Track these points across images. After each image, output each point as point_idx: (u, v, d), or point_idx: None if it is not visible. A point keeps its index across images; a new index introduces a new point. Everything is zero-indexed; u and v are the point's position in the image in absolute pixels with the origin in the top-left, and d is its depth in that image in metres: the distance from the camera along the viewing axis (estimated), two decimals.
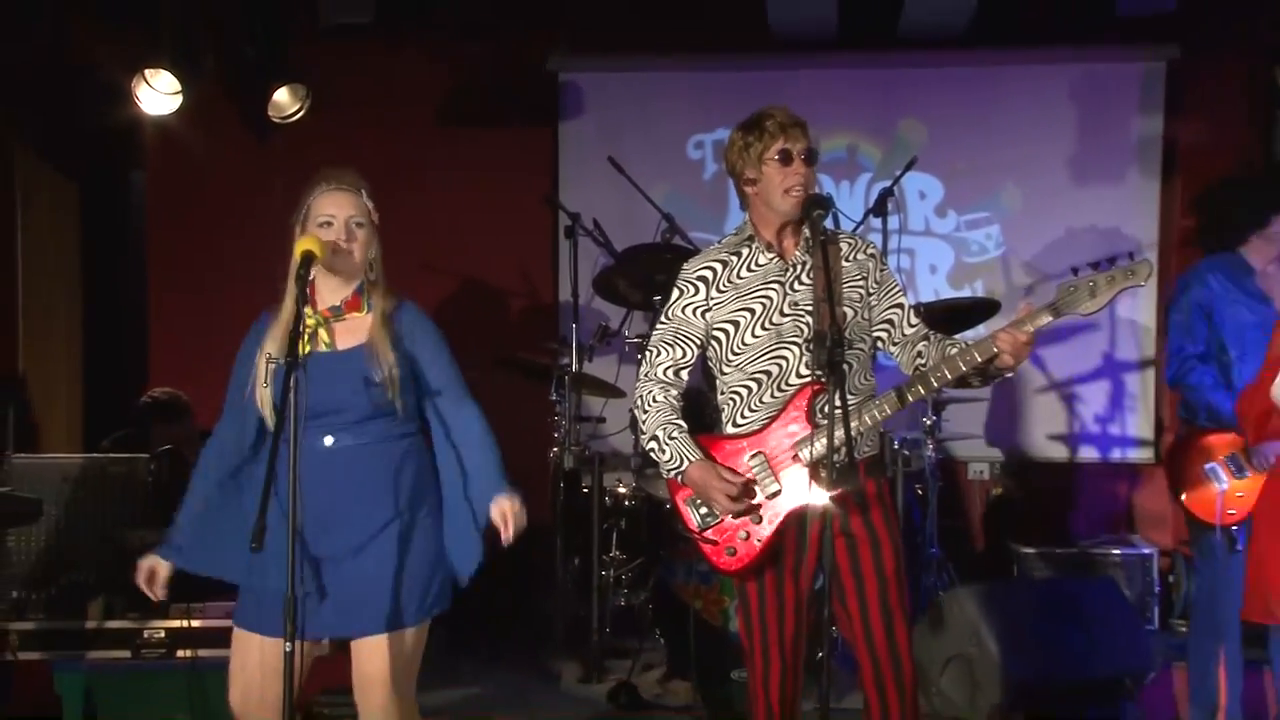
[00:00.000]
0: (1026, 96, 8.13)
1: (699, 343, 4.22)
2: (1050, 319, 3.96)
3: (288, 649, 3.68)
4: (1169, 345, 5.82)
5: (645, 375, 4.27)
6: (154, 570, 4.06)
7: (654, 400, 4.22)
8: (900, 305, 4.26)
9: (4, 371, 7.85)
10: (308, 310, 3.88)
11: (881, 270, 4.28)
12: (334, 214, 3.97)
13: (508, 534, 3.98)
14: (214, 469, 4.11)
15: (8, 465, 6.01)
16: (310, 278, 3.87)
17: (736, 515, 4.12)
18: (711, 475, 4.10)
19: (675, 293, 4.25)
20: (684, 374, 4.25)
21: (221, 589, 4.22)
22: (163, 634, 5.81)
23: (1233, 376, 5.53)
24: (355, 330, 4.04)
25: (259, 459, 4.08)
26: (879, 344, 4.27)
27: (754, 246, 4.21)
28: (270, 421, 3.95)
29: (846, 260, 4.21)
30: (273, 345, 3.99)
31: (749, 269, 4.19)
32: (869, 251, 4.28)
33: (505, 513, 3.98)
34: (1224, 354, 5.60)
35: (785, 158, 4.09)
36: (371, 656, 4.01)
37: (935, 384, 4.09)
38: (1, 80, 7.68)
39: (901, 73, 8.17)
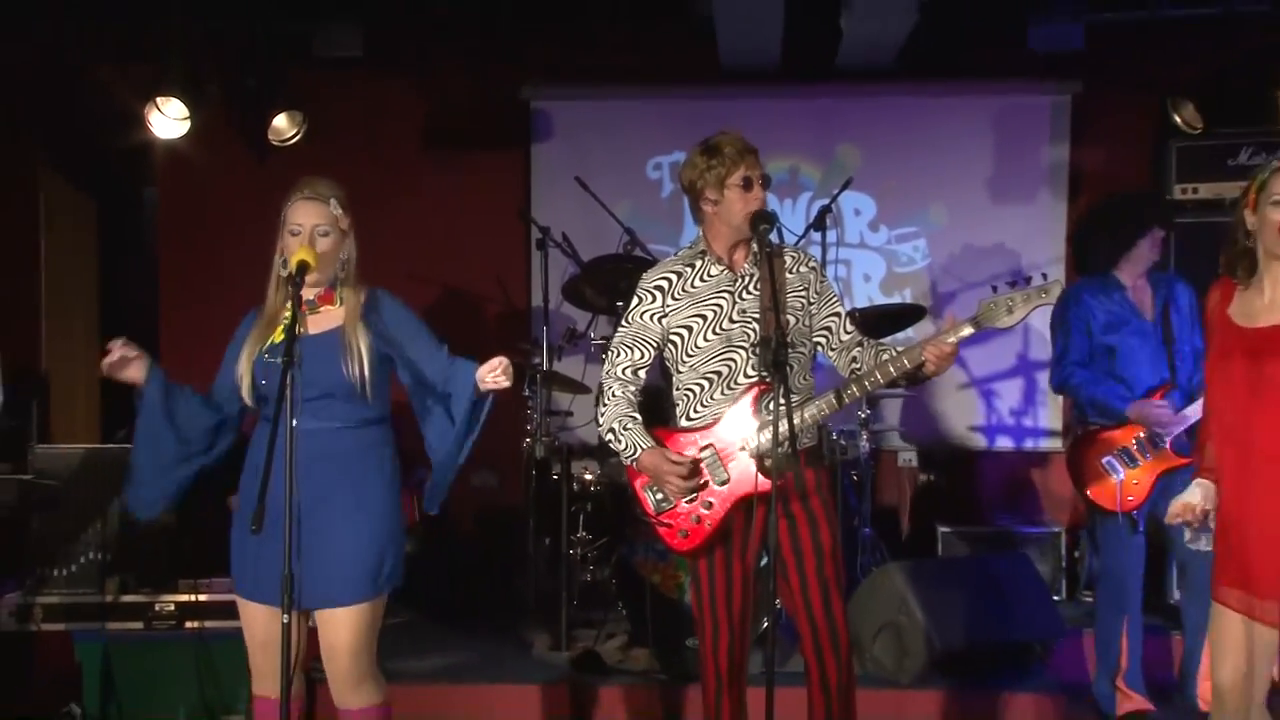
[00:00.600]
0: (949, 125, 8.14)
1: (656, 345, 4.23)
2: (971, 331, 4.01)
3: (285, 620, 3.68)
4: (1052, 355, 5.87)
5: (607, 373, 4.28)
6: (133, 359, 3.99)
7: (613, 395, 4.23)
8: (838, 314, 4.28)
9: (28, 369, 7.80)
10: (289, 307, 3.89)
11: (821, 282, 4.30)
12: (302, 223, 4.00)
13: (500, 376, 3.89)
14: (201, 399, 4.13)
15: (32, 454, 5.97)
16: (303, 284, 3.87)
17: (688, 499, 4.13)
18: (662, 460, 4.13)
19: (635, 300, 4.25)
20: (642, 373, 4.26)
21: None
22: (173, 607, 5.78)
23: (1134, 384, 5.59)
24: (329, 319, 4.05)
25: (231, 430, 4.16)
26: (819, 347, 4.28)
27: (706, 259, 4.22)
28: (248, 403, 4.02)
29: (790, 272, 4.23)
30: (253, 342, 4.02)
31: (702, 279, 4.20)
32: (810, 265, 4.30)
33: (492, 368, 3.91)
34: (1116, 365, 5.65)
35: (747, 184, 4.11)
36: (337, 627, 4.02)
37: (869, 387, 4.12)
38: (27, 108, 7.68)
39: (838, 102, 8.18)
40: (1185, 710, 5.80)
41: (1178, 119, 7.41)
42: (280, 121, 7.70)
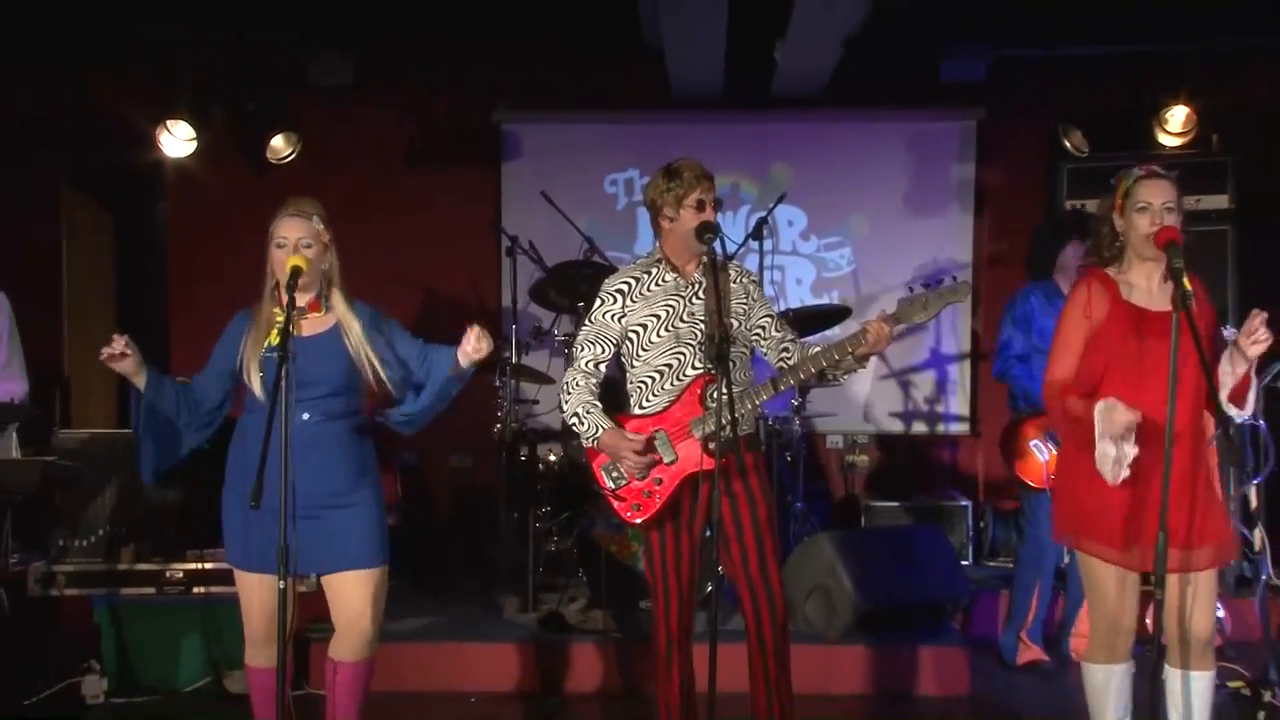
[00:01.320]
0: (870, 147, 8.16)
1: (615, 342, 4.22)
2: (892, 326, 4.01)
3: (281, 587, 3.67)
4: (997, 347, 5.97)
5: (572, 366, 4.26)
6: (131, 360, 3.93)
7: (576, 385, 4.21)
8: (771, 316, 4.30)
9: (52, 364, 7.77)
10: (278, 310, 3.86)
11: (759, 291, 4.34)
12: (286, 236, 3.98)
13: (480, 344, 3.95)
14: (184, 393, 4.10)
15: (56, 439, 5.92)
16: (296, 287, 3.85)
17: (641, 476, 4.11)
18: (620, 438, 4.12)
19: (598, 302, 4.25)
20: (602, 366, 4.25)
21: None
22: (182, 574, 5.74)
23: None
24: (318, 324, 4.05)
25: (207, 422, 4.15)
26: (754, 342, 4.28)
27: (662, 267, 4.22)
28: (260, 397, 3.97)
29: (734, 283, 4.26)
30: (254, 345, 3.99)
31: (657, 284, 4.20)
32: (751, 278, 4.35)
33: (475, 337, 3.95)
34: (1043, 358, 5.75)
35: (700, 206, 4.14)
36: (357, 590, 4.03)
37: (801, 376, 4.17)
38: (50, 132, 7.62)
39: (773, 126, 8.17)
40: (1061, 659, 5.92)
41: (1067, 143, 7.50)
42: (278, 142, 7.65)
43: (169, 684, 5.71)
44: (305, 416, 3.90)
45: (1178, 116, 7.22)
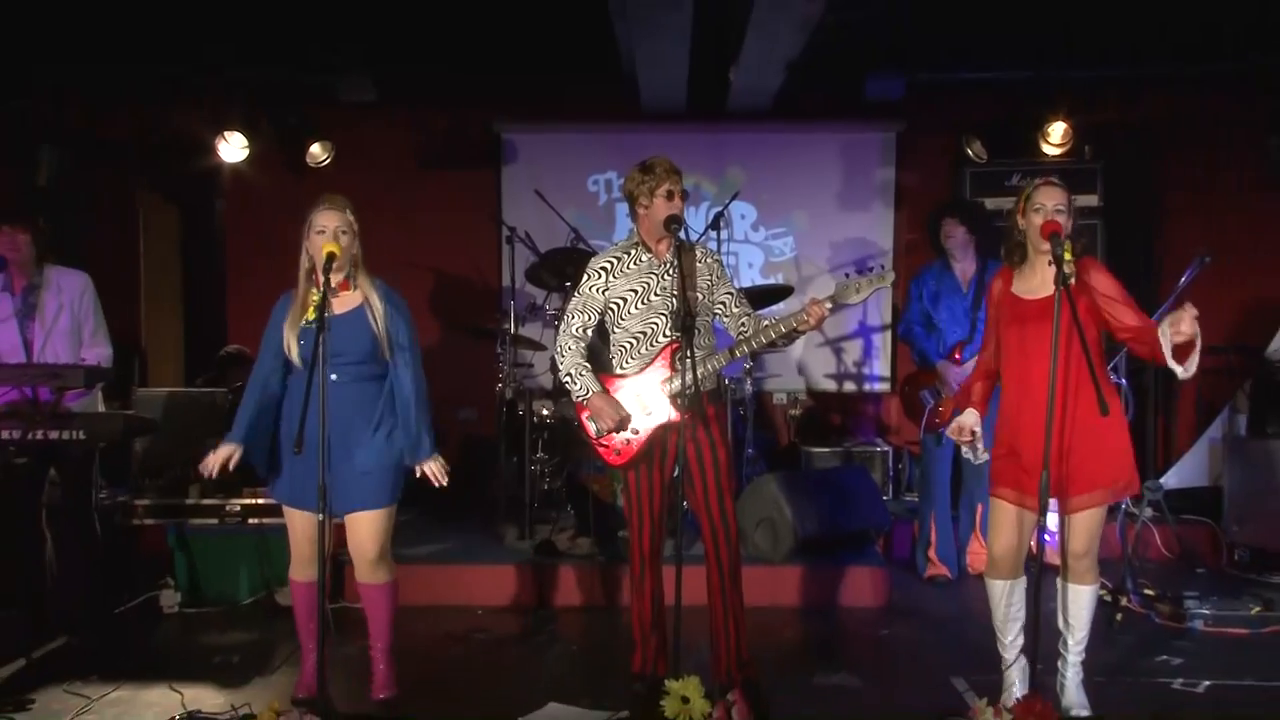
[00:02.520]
0: (809, 153, 8.14)
1: (599, 311, 4.21)
2: (830, 306, 4.04)
3: (320, 519, 3.69)
4: (902, 314, 6.04)
5: (563, 333, 4.25)
6: (230, 455, 3.96)
7: (569, 349, 4.20)
8: (730, 292, 4.28)
9: (131, 335, 7.82)
10: (315, 291, 3.86)
11: (721, 270, 4.31)
12: (326, 225, 3.94)
13: (442, 482, 4.03)
14: (257, 391, 4.04)
15: (134, 396, 5.93)
16: (332, 269, 3.83)
17: (619, 429, 4.11)
18: (605, 403, 4.12)
19: (584, 277, 4.23)
20: (589, 332, 4.23)
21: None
22: (239, 508, 5.76)
23: (945, 339, 5.78)
24: (347, 302, 4.02)
25: (284, 393, 4.05)
26: (716, 316, 4.27)
27: (638, 249, 4.20)
28: (298, 365, 3.95)
29: (699, 263, 4.24)
30: (293, 321, 3.96)
31: (634, 264, 4.19)
32: (715, 258, 4.32)
33: (433, 473, 4.02)
34: (936, 324, 5.83)
35: (670, 195, 4.11)
36: (363, 526, 4.02)
37: (755, 346, 4.15)
38: (127, 142, 7.57)
39: (728, 135, 8.13)
40: (959, 572, 5.98)
41: (970, 151, 7.53)
42: (316, 149, 7.58)
43: (230, 598, 5.72)
44: (334, 377, 3.87)
45: (1058, 130, 7.30)
